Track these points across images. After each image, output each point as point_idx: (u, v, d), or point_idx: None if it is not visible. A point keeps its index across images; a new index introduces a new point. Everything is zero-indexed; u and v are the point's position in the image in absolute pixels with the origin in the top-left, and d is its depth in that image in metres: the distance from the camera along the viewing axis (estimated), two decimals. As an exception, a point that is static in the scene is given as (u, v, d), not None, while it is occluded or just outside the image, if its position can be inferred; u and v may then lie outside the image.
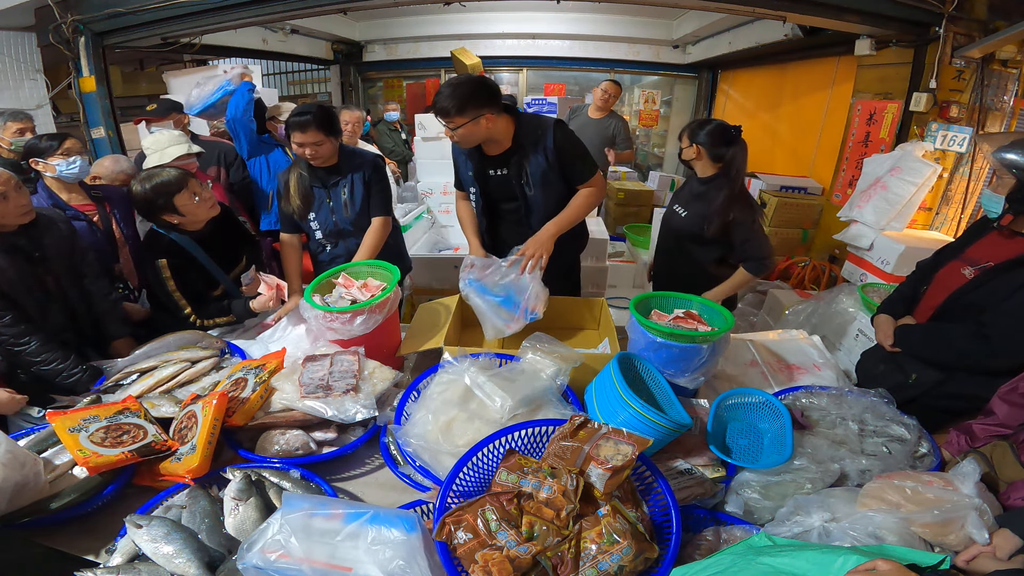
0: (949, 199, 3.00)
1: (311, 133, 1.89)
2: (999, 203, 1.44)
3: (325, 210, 2.07)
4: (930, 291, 1.63)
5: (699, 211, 2.00)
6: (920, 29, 2.90)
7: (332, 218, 2.08)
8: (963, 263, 1.55)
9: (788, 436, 1.20)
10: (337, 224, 2.09)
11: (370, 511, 0.93)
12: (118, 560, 1.01)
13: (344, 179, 2.06)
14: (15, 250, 1.58)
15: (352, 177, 2.06)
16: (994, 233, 1.52)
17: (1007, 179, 1.43)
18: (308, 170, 2.03)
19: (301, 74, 7.50)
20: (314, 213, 2.08)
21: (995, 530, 0.93)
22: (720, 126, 1.96)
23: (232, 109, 2.78)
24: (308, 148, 1.92)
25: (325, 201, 2.07)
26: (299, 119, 1.88)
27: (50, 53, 3.32)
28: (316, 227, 2.10)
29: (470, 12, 5.98)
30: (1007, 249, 1.45)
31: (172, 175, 1.77)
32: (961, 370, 1.47)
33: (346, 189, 2.06)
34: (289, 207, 2.05)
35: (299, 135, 1.89)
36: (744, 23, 4.94)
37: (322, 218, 2.09)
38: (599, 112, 4.12)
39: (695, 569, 0.90)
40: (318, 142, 1.92)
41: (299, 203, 2.03)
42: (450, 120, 1.71)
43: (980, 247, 1.55)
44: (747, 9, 3.08)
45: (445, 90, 1.69)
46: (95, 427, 1.19)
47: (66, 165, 2.06)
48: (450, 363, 1.37)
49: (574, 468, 0.98)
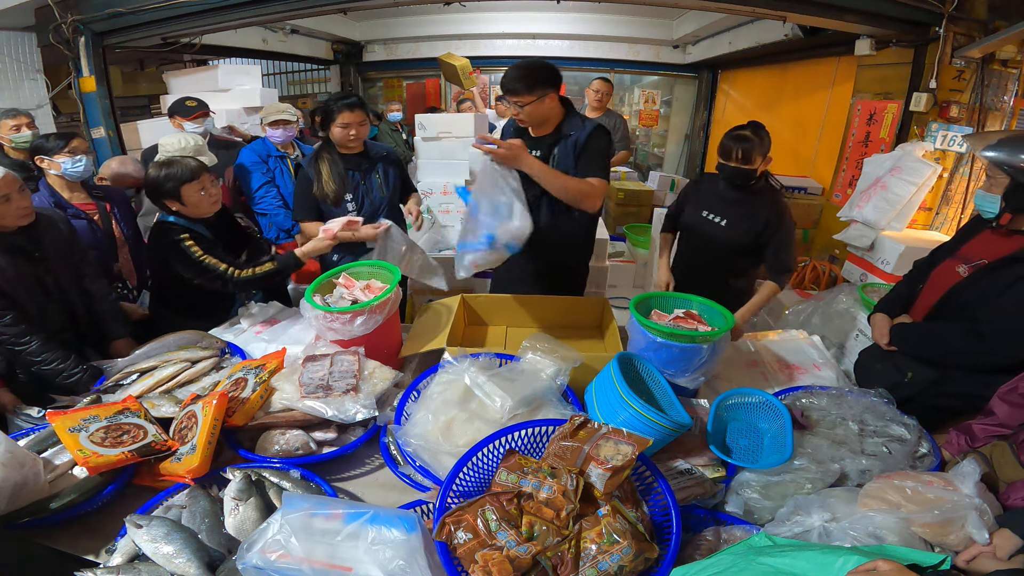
0: (949, 199, 3.00)
1: (359, 113, 2.03)
2: (994, 202, 1.44)
3: (362, 191, 2.18)
4: (926, 290, 1.63)
5: (744, 226, 1.93)
6: (920, 29, 2.90)
7: (368, 198, 2.18)
8: (957, 261, 1.55)
9: (788, 436, 1.20)
10: (373, 204, 2.19)
11: (370, 511, 0.93)
12: (118, 560, 1.01)
13: (375, 164, 2.21)
14: (15, 250, 1.58)
15: (382, 163, 2.22)
16: (988, 231, 1.53)
17: (1000, 178, 1.42)
18: (338, 157, 2.12)
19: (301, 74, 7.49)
20: (351, 195, 2.15)
21: (995, 530, 0.93)
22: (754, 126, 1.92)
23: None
24: (354, 128, 2.04)
25: (361, 184, 2.17)
26: (349, 100, 2.02)
27: (50, 53, 3.32)
28: (352, 208, 2.16)
29: (470, 12, 5.98)
30: (1001, 247, 1.46)
31: (190, 166, 1.81)
32: (957, 368, 1.47)
33: (379, 173, 2.20)
34: (322, 191, 2.09)
35: (349, 115, 2.01)
36: (744, 23, 4.93)
37: (358, 199, 2.18)
38: (595, 112, 4.13)
39: (695, 569, 0.90)
40: (362, 122, 2.06)
41: (334, 186, 2.09)
42: (520, 98, 1.78)
43: (974, 245, 1.55)
44: (747, 9, 3.07)
45: (515, 71, 1.78)
46: (95, 427, 1.19)
47: (71, 163, 2.07)
48: (450, 363, 1.37)
49: (574, 468, 0.98)
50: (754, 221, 1.92)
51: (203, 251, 1.80)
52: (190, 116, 2.98)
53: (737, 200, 1.96)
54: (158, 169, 1.79)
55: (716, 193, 2.03)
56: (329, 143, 2.12)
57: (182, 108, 3.00)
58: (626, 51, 6.62)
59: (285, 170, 2.94)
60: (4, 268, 1.55)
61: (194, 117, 2.98)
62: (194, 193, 1.80)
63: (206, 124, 3.08)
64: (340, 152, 2.12)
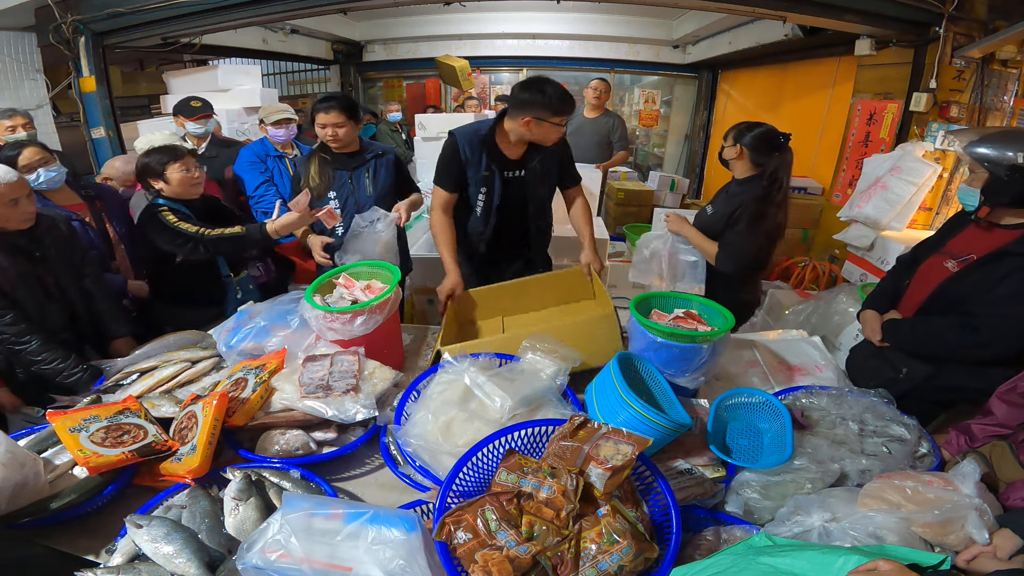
0: (949, 199, 3.00)
1: (334, 114, 2.05)
2: (975, 196, 1.45)
3: (346, 189, 2.21)
4: (913, 286, 1.63)
5: (723, 210, 1.96)
6: (920, 29, 2.90)
7: (352, 197, 2.21)
8: (945, 256, 1.55)
9: (788, 436, 1.20)
10: (358, 201, 2.21)
11: (370, 511, 0.93)
12: (118, 560, 1.01)
13: (366, 165, 2.22)
14: (16, 250, 1.59)
15: (375, 163, 2.23)
16: (972, 226, 1.53)
17: (980, 172, 1.43)
18: (331, 155, 2.17)
19: (301, 74, 7.49)
20: (334, 192, 2.20)
21: (995, 530, 0.93)
22: (769, 131, 1.90)
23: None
24: (329, 128, 2.07)
25: (347, 182, 2.21)
26: (324, 103, 2.07)
27: (50, 53, 3.32)
28: (336, 206, 2.19)
29: (470, 12, 5.98)
30: (987, 241, 1.46)
31: (176, 148, 1.97)
32: (951, 362, 1.47)
33: (369, 173, 2.22)
34: (307, 187, 2.12)
35: (323, 116, 2.06)
36: (744, 23, 4.93)
37: (342, 197, 2.21)
38: (594, 111, 4.13)
39: (695, 569, 0.90)
40: (339, 123, 2.07)
41: (318, 182, 2.14)
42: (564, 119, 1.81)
43: (960, 240, 1.55)
44: (747, 9, 3.08)
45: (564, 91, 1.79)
46: (95, 427, 1.19)
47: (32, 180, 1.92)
48: (450, 363, 1.37)
49: (574, 468, 0.98)
50: (729, 208, 1.94)
51: (180, 219, 1.92)
52: (193, 117, 2.97)
53: (731, 192, 2.00)
54: (147, 154, 1.98)
55: (725, 190, 2.09)
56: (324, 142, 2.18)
57: (186, 108, 3.00)
58: (626, 51, 6.62)
59: (283, 169, 2.94)
60: (5, 268, 1.55)
61: (197, 118, 2.98)
62: (176, 172, 1.94)
63: (208, 126, 3.08)
64: (333, 151, 2.17)
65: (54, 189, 2.08)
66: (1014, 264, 1.37)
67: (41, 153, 1.99)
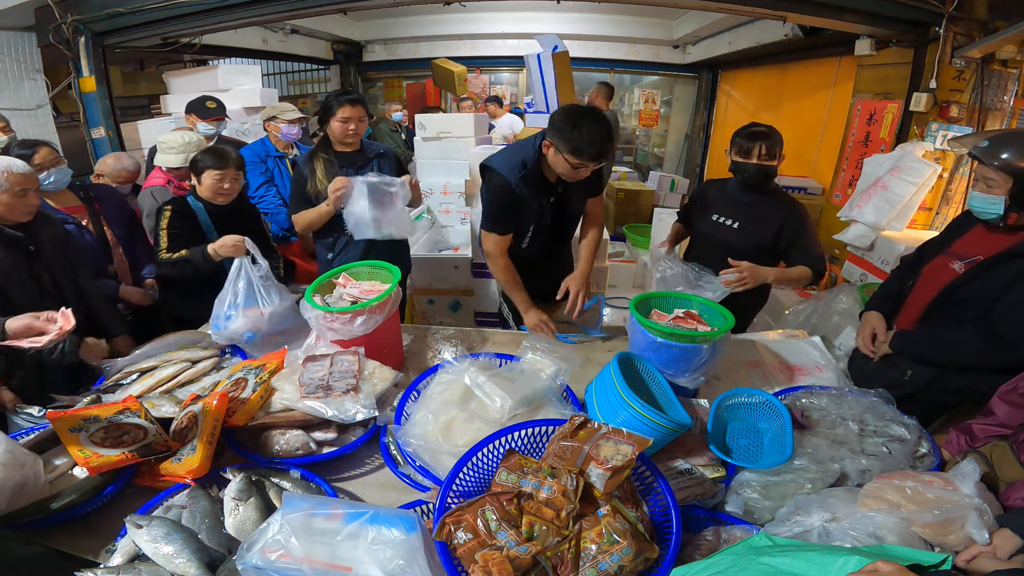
0: (949, 199, 3.00)
1: (360, 108, 2.07)
2: (998, 204, 1.39)
3: None
4: (918, 287, 1.61)
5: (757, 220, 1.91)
6: (920, 29, 2.90)
7: None
8: (951, 258, 1.53)
9: (788, 436, 1.20)
10: None
11: (370, 511, 0.93)
12: (118, 560, 1.01)
13: (370, 163, 2.20)
14: (12, 243, 1.60)
15: (378, 161, 2.22)
16: (979, 227, 1.50)
17: (1000, 179, 1.38)
18: (333, 155, 2.15)
19: (301, 74, 7.50)
20: None
21: (995, 530, 0.93)
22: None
23: None
24: (353, 123, 2.07)
25: None
26: (348, 96, 2.08)
27: (50, 53, 3.32)
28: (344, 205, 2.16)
29: (470, 12, 5.98)
30: (994, 242, 1.44)
31: (226, 155, 2.04)
32: (974, 370, 1.44)
33: (373, 170, 2.19)
34: (315, 188, 2.10)
35: (348, 108, 2.05)
36: (744, 23, 4.94)
37: None
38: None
39: (695, 569, 0.90)
40: (362, 118, 2.09)
41: (327, 184, 2.09)
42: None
43: (966, 241, 1.53)
44: (747, 9, 3.08)
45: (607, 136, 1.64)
46: (95, 427, 1.19)
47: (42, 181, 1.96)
48: (450, 363, 1.37)
49: (574, 468, 0.98)
50: (770, 223, 1.90)
51: (168, 227, 1.99)
52: (207, 117, 2.97)
53: (751, 202, 1.94)
54: (203, 152, 2.08)
55: (725, 197, 2.02)
56: (325, 142, 2.14)
57: (201, 108, 2.99)
58: (626, 51, 6.63)
59: (284, 169, 2.95)
60: (0, 260, 1.55)
61: (211, 119, 2.97)
62: (210, 178, 2.01)
63: (220, 128, 3.08)
64: (336, 150, 2.14)
65: (59, 191, 2.10)
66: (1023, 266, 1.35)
67: (54, 154, 2.06)
